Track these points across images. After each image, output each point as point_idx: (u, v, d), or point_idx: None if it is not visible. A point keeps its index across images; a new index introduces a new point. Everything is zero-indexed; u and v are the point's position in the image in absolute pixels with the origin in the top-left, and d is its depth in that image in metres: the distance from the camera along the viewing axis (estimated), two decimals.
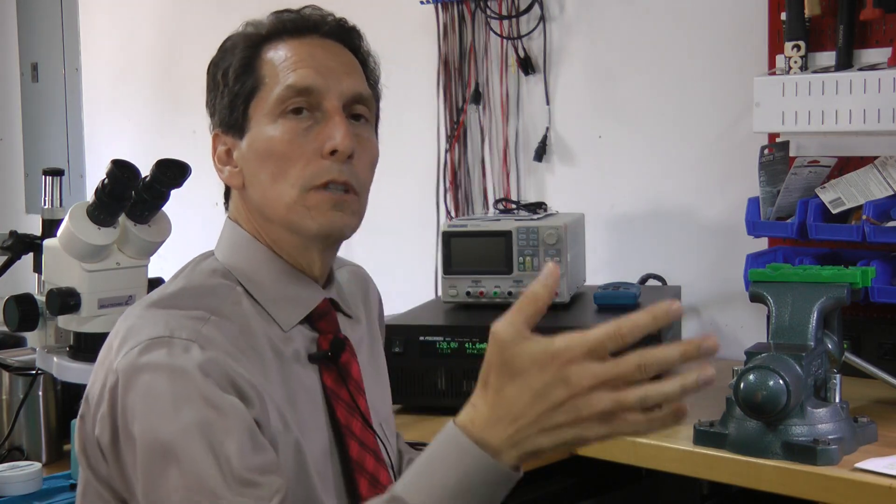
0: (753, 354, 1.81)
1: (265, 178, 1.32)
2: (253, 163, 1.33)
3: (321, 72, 1.33)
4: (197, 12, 3.99)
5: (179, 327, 1.22)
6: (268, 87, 1.32)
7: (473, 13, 3.01)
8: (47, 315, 1.77)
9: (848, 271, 1.90)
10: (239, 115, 1.34)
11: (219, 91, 1.36)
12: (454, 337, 2.11)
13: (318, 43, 1.36)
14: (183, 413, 1.17)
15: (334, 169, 1.31)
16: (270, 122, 1.32)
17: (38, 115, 4.76)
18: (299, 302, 1.35)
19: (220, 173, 1.37)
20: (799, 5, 2.33)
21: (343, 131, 1.30)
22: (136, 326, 1.24)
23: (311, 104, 1.32)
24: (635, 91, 2.78)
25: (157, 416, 1.18)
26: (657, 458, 1.92)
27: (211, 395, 1.18)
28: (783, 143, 2.38)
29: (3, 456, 1.87)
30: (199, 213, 3.69)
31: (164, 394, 1.18)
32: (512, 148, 3.00)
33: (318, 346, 1.36)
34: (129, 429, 1.19)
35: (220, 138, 1.37)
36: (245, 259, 1.35)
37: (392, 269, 2.36)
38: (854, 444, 1.80)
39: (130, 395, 1.19)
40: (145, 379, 1.19)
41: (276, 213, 1.32)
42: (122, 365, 1.21)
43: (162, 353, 1.20)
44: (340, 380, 1.37)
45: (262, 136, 1.32)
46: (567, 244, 2.28)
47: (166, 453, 1.16)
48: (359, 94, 1.35)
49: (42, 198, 1.94)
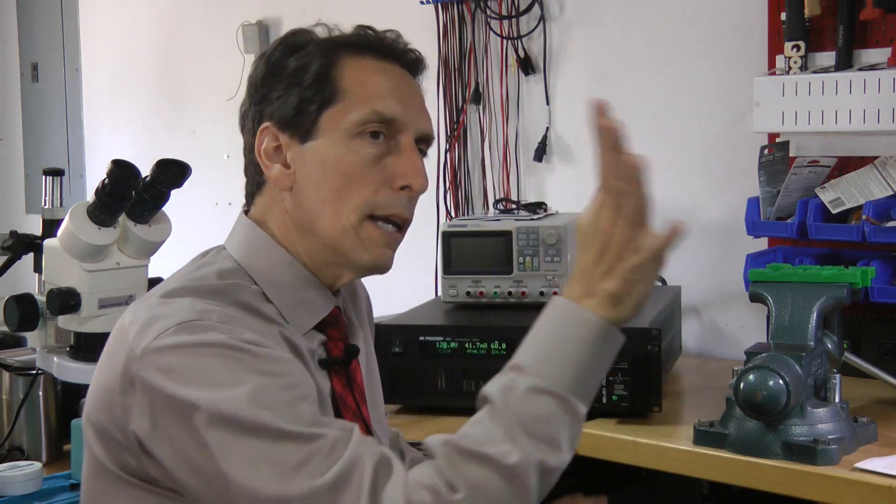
0: (753, 354, 1.81)
1: (327, 191, 1.31)
2: (315, 172, 1.32)
3: (406, 105, 1.34)
4: (197, 13, 3.99)
5: (208, 311, 1.21)
6: (350, 102, 1.32)
7: (473, 13, 3.01)
8: (47, 315, 1.77)
9: (848, 271, 1.90)
10: (307, 120, 1.32)
11: (283, 86, 1.33)
12: (454, 337, 2.11)
13: (400, 74, 1.37)
14: (242, 380, 1.15)
15: (401, 204, 1.33)
16: (346, 139, 1.31)
17: (38, 115, 4.76)
18: (314, 308, 1.35)
19: (268, 169, 1.34)
20: (799, 5, 2.33)
21: (420, 169, 1.33)
22: (159, 314, 1.21)
23: (389, 133, 1.32)
24: (635, 91, 2.78)
25: (214, 390, 1.15)
26: (657, 458, 1.92)
27: (262, 354, 1.18)
28: (783, 143, 2.38)
29: (3, 456, 1.87)
30: (199, 213, 3.70)
31: (214, 367, 1.16)
32: (512, 148, 3.00)
33: (327, 352, 1.36)
34: (178, 411, 1.16)
35: (272, 132, 1.34)
36: (264, 260, 1.34)
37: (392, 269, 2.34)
38: (854, 444, 1.80)
39: (174, 378, 1.16)
40: (188, 359, 1.16)
41: (325, 231, 1.32)
42: (153, 349, 1.18)
43: (198, 333, 1.18)
44: (348, 386, 1.37)
45: (335, 150, 1.31)
46: (567, 244, 2.28)
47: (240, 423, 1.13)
48: (430, 134, 1.38)
49: (42, 198, 1.94)
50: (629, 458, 1.95)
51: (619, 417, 2.03)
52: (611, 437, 1.97)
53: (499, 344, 2.08)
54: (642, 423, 2.00)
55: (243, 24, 3.59)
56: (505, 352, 2.08)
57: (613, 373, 2.01)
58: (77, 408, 1.80)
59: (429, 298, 2.60)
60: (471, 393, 2.09)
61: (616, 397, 2.01)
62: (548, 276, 2.27)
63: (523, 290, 2.28)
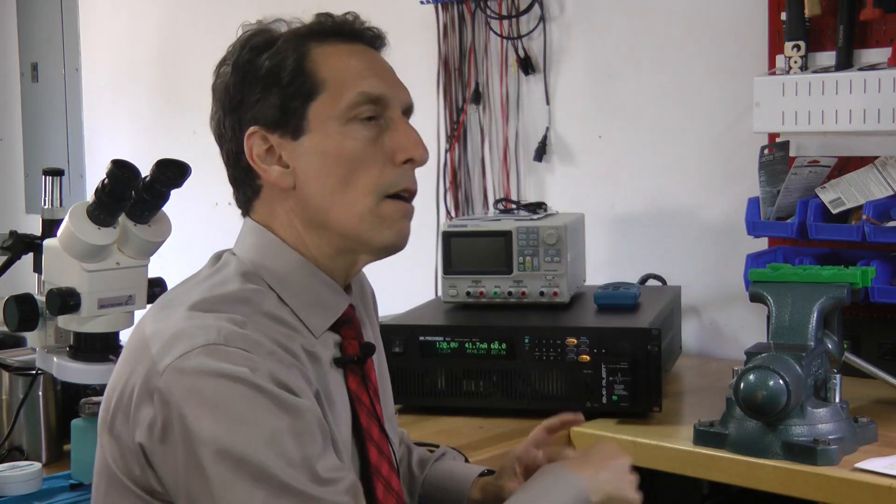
0: (753, 354, 1.81)
1: (333, 182, 1.31)
2: (317, 165, 1.31)
3: (386, 81, 1.34)
4: (197, 13, 3.99)
5: (232, 336, 1.20)
6: (334, 90, 1.31)
7: (473, 13, 3.01)
8: (47, 315, 1.77)
9: (848, 271, 1.90)
10: (295, 116, 1.32)
11: (259, 88, 1.33)
12: (454, 337, 2.11)
13: (369, 52, 1.37)
14: (260, 422, 1.15)
15: (408, 177, 1.33)
16: (340, 126, 1.31)
17: (38, 115, 4.76)
18: (329, 308, 1.35)
19: (265, 173, 1.33)
20: (799, 5, 2.33)
21: (418, 141, 1.33)
22: (183, 330, 1.21)
23: (378, 112, 1.33)
24: (635, 91, 2.78)
25: (230, 426, 1.15)
26: (657, 458, 1.92)
27: (283, 399, 1.17)
28: (783, 143, 2.38)
29: (3, 456, 1.86)
30: (199, 213, 3.69)
31: (234, 403, 1.16)
32: (512, 148, 3.00)
33: (342, 351, 1.36)
34: (189, 435, 1.16)
35: (260, 135, 1.33)
36: (276, 264, 1.33)
37: (392, 269, 2.34)
38: (854, 444, 1.80)
39: (192, 402, 1.16)
40: (209, 386, 1.16)
41: (341, 221, 1.31)
42: (175, 368, 1.18)
43: (222, 360, 1.17)
44: (363, 385, 1.37)
45: (332, 140, 1.31)
46: (567, 244, 2.28)
47: (247, 465, 1.14)
48: (411, 105, 1.38)
49: (42, 198, 1.93)
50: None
51: (619, 417, 2.04)
52: (611, 438, 1.97)
53: (499, 344, 2.08)
54: (642, 423, 2.01)
55: (243, 24, 3.57)
56: (505, 352, 2.08)
57: (613, 373, 2.01)
58: (77, 408, 1.80)
59: (429, 298, 2.60)
60: (471, 393, 2.10)
61: (616, 397, 2.02)
62: (548, 276, 2.27)
63: (523, 290, 2.28)
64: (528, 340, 2.07)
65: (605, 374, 2.02)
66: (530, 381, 2.07)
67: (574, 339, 2.05)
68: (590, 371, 2.03)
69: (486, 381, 2.09)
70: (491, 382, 2.09)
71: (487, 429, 2.04)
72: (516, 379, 2.08)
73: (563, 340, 2.05)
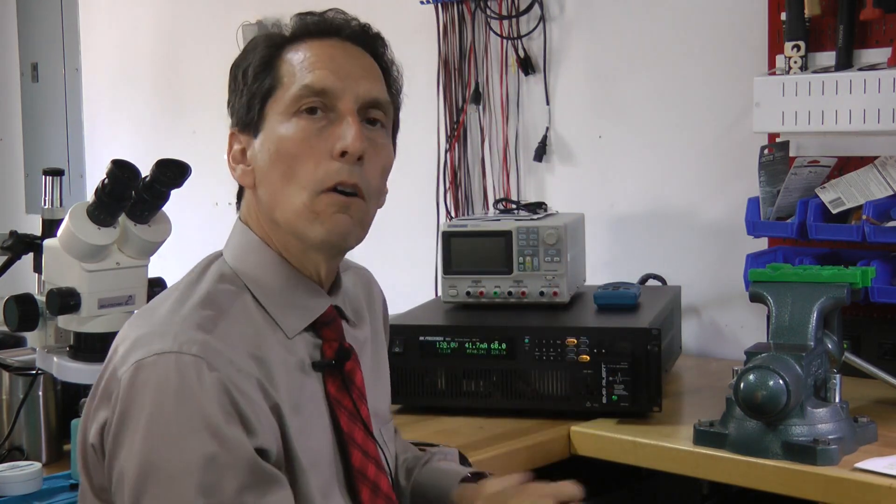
0: (753, 354, 1.81)
1: (276, 178, 1.31)
2: (265, 162, 1.32)
3: (338, 73, 1.32)
4: (197, 12, 3.99)
5: (189, 341, 1.20)
6: (285, 86, 1.32)
7: (473, 13, 3.01)
8: (47, 315, 1.77)
9: (848, 271, 1.90)
10: (255, 114, 1.33)
11: (238, 90, 1.36)
12: (454, 337, 2.11)
13: (338, 45, 1.36)
14: (187, 443, 1.16)
15: (344, 170, 1.29)
16: (284, 121, 1.31)
17: (38, 115, 4.76)
18: (306, 309, 1.35)
19: (233, 171, 1.37)
20: (799, 5, 2.33)
21: (354, 132, 1.30)
22: (144, 337, 1.22)
23: (325, 105, 1.31)
24: (635, 91, 2.78)
25: (159, 439, 1.17)
26: (657, 458, 1.92)
27: (216, 425, 1.17)
28: (783, 143, 2.38)
29: (3, 456, 1.86)
30: (199, 213, 3.69)
31: (169, 418, 1.17)
32: (512, 148, 3.00)
33: (322, 354, 1.36)
34: (126, 441, 1.19)
35: (236, 137, 1.36)
36: (253, 264, 1.34)
37: (392, 269, 2.35)
38: (854, 444, 1.80)
39: (134, 410, 1.18)
40: (151, 396, 1.18)
41: (283, 217, 1.31)
42: (126, 376, 1.20)
43: (170, 370, 1.18)
44: (344, 388, 1.37)
45: (275, 134, 1.31)
46: (567, 244, 2.28)
47: (163, 478, 1.16)
48: (375, 98, 1.34)
49: (42, 198, 1.93)
50: (629, 458, 1.95)
51: (619, 417, 2.03)
52: (611, 437, 1.97)
53: (499, 344, 2.08)
54: (642, 423, 2.00)
55: (243, 24, 3.59)
56: (505, 352, 2.08)
57: (613, 373, 2.01)
58: (77, 408, 1.80)
59: (429, 298, 2.60)
60: (471, 393, 2.10)
61: (616, 397, 2.02)
62: (547, 276, 2.27)
63: (523, 290, 2.28)
64: (528, 340, 2.07)
65: (605, 374, 2.02)
66: (530, 381, 2.07)
67: (574, 339, 2.05)
68: (590, 371, 2.03)
69: (486, 381, 2.09)
70: (491, 382, 2.09)
71: (487, 429, 2.04)
72: (516, 379, 2.08)
73: (563, 340, 2.05)
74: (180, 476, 1.16)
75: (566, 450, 2.01)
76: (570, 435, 2.01)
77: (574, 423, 2.02)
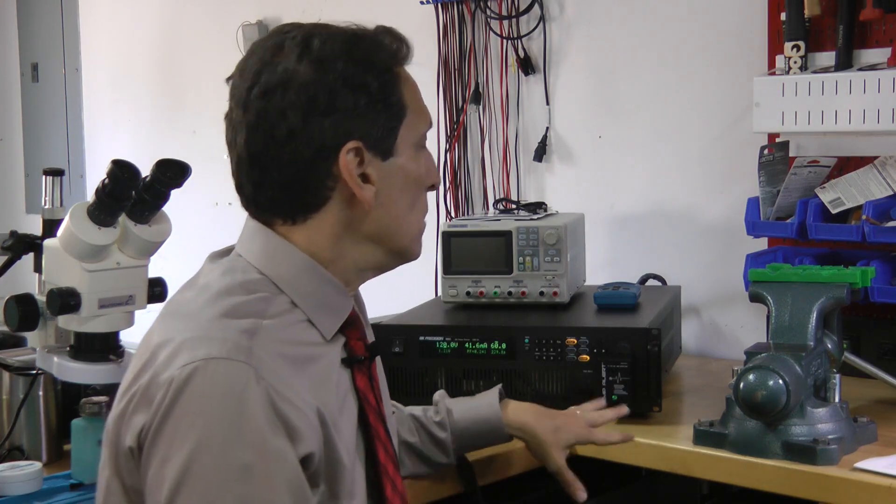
0: (753, 354, 1.81)
1: (405, 204, 1.37)
2: (397, 187, 1.35)
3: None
4: (197, 13, 3.99)
5: (236, 348, 1.20)
6: (414, 115, 1.36)
7: (473, 13, 3.01)
8: (47, 315, 1.77)
9: (848, 271, 1.90)
10: (390, 138, 1.34)
11: (366, 102, 1.30)
12: (454, 337, 2.11)
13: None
14: (230, 452, 1.16)
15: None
16: (416, 152, 1.37)
17: (38, 115, 4.76)
18: (337, 310, 1.36)
19: (360, 189, 1.31)
20: (799, 5, 2.33)
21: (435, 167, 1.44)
22: (189, 341, 1.21)
23: None
24: (635, 91, 2.78)
25: (203, 447, 1.16)
26: (657, 458, 1.92)
27: (261, 437, 1.17)
28: (783, 143, 2.38)
29: (3, 456, 1.86)
30: (199, 213, 3.70)
31: (214, 426, 1.17)
32: (512, 148, 3.00)
33: (350, 351, 1.36)
34: (167, 445, 1.18)
35: (364, 153, 1.31)
36: (286, 266, 1.32)
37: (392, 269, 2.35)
38: (854, 444, 1.80)
39: (177, 414, 1.17)
40: (197, 403, 1.17)
41: (401, 240, 1.38)
42: (172, 380, 1.19)
43: (218, 376, 1.18)
44: (370, 385, 1.38)
45: (411, 164, 1.37)
46: (567, 244, 2.28)
47: (200, 487, 1.15)
48: None
49: (42, 198, 1.93)
50: (629, 458, 1.95)
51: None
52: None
53: (499, 344, 2.08)
54: (642, 423, 2.00)
55: (243, 24, 3.59)
56: (505, 352, 2.08)
57: (613, 373, 2.01)
58: (77, 408, 1.80)
59: (429, 298, 2.60)
60: (471, 393, 2.10)
61: (616, 397, 2.01)
62: (548, 276, 2.27)
63: (523, 290, 2.28)
64: (528, 340, 2.07)
65: (605, 374, 2.02)
66: (530, 381, 2.07)
67: (574, 339, 2.05)
68: (589, 371, 2.03)
69: (486, 381, 2.09)
70: (491, 382, 2.09)
71: None
72: (516, 379, 2.08)
73: (562, 340, 2.05)
74: (218, 486, 1.15)
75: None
76: None
77: None
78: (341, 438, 1.28)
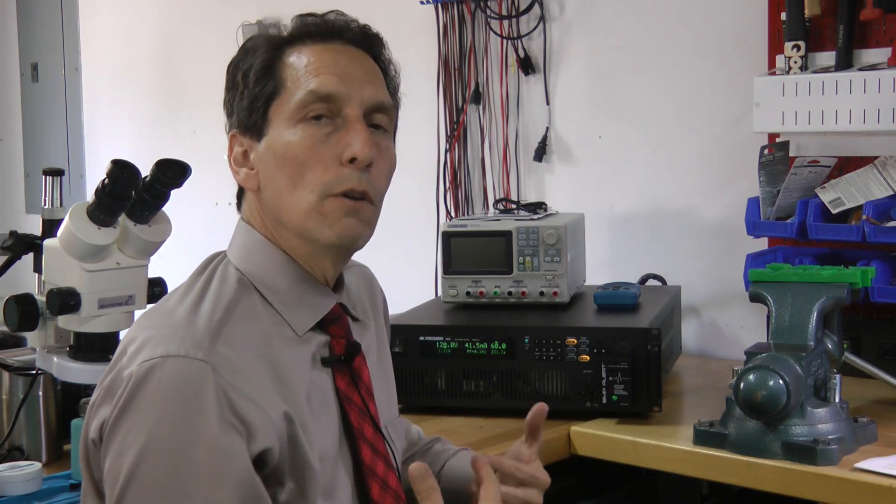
0: (753, 354, 1.81)
1: (283, 182, 1.31)
2: (271, 166, 1.32)
3: (343, 79, 1.32)
4: (197, 12, 3.99)
5: (195, 346, 1.21)
6: (289, 91, 1.32)
7: (473, 13, 3.01)
8: (47, 315, 1.77)
9: (848, 271, 1.90)
10: (258, 118, 1.33)
11: (238, 91, 1.35)
12: (454, 337, 2.11)
13: (341, 49, 1.36)
14: (180, 451, 1.17)
15: (353, 177, 1.31)
16: (290, 127, 1.31)
17: (38, 115, 4.76)
18: (314, 307, 1.35)
19: (236, 175, 1.36)
20: (799, 5, 2.33)
21: (363, 139, 1.31)
22: (152, 339, 1.23)
23: (331, 111, 1.32)
24: (635, 91, 2.78)
25: (153, 443, 1.17)
26: (657, 458, 1.92)
27: (211, 435, 1.18)
28: (783, 143, 2.38)
29: (3, 456, 1.86)
30: (199, 213, 3.70)
31: (167, 423, 1.17)
32: (512, 148, 3.00)
33: (330, 350, 1.36)
34: (121, 439, 1.19)
35: (238, 139, 1.36)
36: (260, 263, 1.34)
37: (392, 269, 2.34)
38: (854, 444, 1.80)
39: (132, 411, 1.19)
40: (150, 400, 1.18)
41: (291, 219, 1.32)
42: (130, 376, 1.20)
43: (174, 374, 1.19)
44: (353, 384, 1.37)
45: (282, 140, 1.31)
46: (567, 244, 2.28)
47: (147, 482, 1.16)
48: (380, 102, 1.35)
49: (42, 198, 1.93)
50: (629, 458, 1.95)
51: (619, 417, 2.04)
52: (611, 437, 1.97)
53: (499, 344, 2.08)
54: (642, 423, 2.01)
55: (243, 24, 3.59)
56: (505, 352, 2.08)
57: (613, 373, 2.01)
58: (77, 408, 1.80)
59: (429, 298, 2.60)
60: (471, 393, 2.10)
61: (616, 397, 2.02)
62: (548, 276, 2.27)
63: (523, 290, 2.28)
64: (528, 340, 2.07)
65: (605, 374, 2.02)
66: (530, 381, 2.07)
67: (574, 339, 2.05)
68: (590, 371, 2.03)
69: (486, 381, 2.09)
70: (491, 382, 2.09)
71: (487, 429, 2.04)
72: (516, 379, 2.08)
73: (562, 340, 2.05)
74: (165, 483, 1.16)
75: (566, 450, 2.01)
76: (570, 435, 2.01)
77: (574, 423, 2.02)
78: (310, 440, 1.27)
